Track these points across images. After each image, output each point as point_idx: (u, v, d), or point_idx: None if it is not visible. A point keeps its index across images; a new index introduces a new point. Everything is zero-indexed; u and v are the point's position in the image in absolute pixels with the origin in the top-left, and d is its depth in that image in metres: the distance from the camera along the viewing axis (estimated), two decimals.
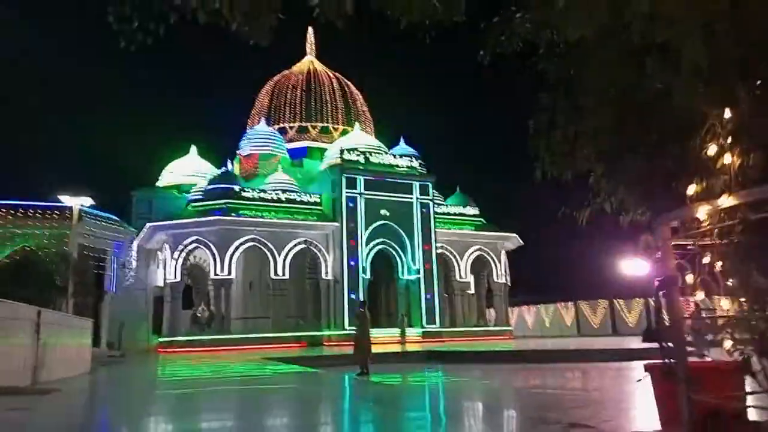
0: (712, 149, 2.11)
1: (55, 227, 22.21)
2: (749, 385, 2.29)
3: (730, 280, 2.10)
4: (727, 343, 2.15)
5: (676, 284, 2.30)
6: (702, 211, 2.11)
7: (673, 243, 2.31)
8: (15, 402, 6.46)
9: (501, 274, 40.07)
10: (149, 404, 7.95)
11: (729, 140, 2.04)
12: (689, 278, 2.30)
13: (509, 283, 40.82)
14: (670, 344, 2.32)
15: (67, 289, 17.81)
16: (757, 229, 1.93)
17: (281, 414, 7.33)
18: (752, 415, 2.34)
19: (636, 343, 23.15)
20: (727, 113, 2.06)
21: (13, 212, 22.74)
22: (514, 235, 40.66)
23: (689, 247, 2.30)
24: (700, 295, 2.27)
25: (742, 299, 2.05)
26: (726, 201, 2.01)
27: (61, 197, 19.88)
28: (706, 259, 2.20)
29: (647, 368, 2.69)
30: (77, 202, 19.53)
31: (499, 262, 40.11)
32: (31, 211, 22.92)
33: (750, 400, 2.28)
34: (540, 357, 18.64)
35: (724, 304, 2.19)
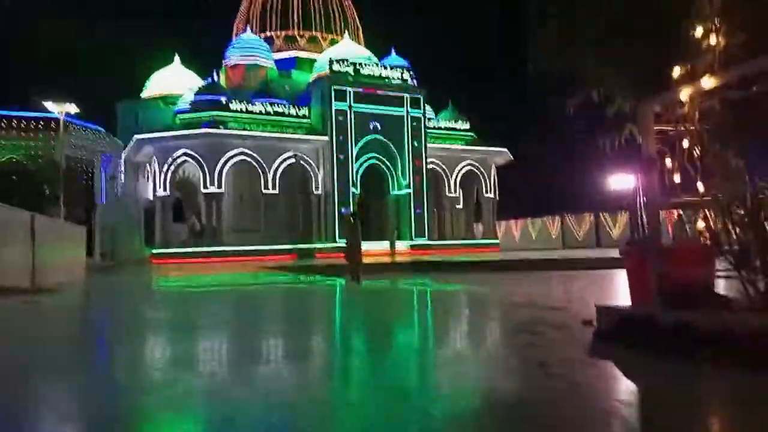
0: (698, 31, 2.12)
1: (42, 138, 21.85)
2: (719, 263, 2.44)
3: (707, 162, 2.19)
4: (700, 224, 2.26)
5: (655, 166, 2.39)
6: (684, 94, 2.15)
7: (655, 128, 2.37)
8: (22, 298, 6.71)
9: (490, 188, 40.44)
10: (144, 297, 8.27)
11: (716, 21, 2.05)
12: (668, 162, 2.39)
13: (498, 198, 41.30)
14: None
15: (58, 198, 17.80)
16: (735, 110, 1.99)
17: (276, 312, 7.67)
18: (720, 289, 2.52)
19: (616, 253, 23.92)
20: None
21: None
22: (505, 150, 40.64)
23: (670, 132, 2.36)
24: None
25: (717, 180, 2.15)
26: (708, 82, 2.05)
27: (46, 104, 19.39)
28: (686, 143, 2.27)
29: (624, 251, 2.85)
30: (62, 109, 19.08)
31: (489, 177, 40.36)
32: (15, 121, 22.44)
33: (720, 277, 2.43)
34: (524, 266, 19.22)
35: (699, 187, 2.29)
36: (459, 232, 40.69)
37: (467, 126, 40.92)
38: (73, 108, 20.26)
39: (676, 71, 2.23)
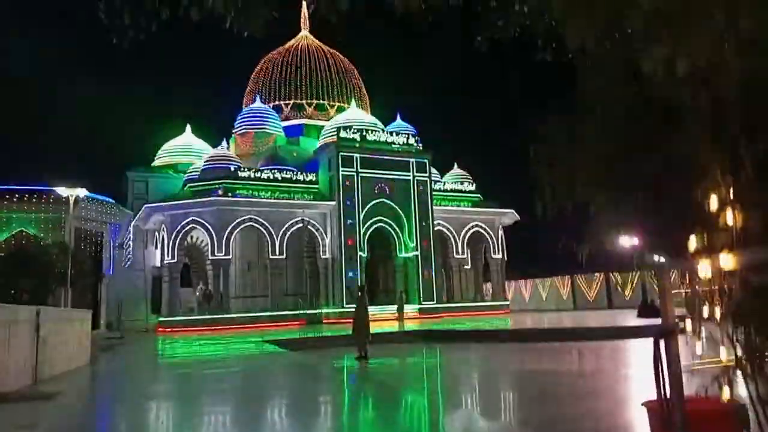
0: (714, 202, 2.08)
1: (52, 212, 22.13)
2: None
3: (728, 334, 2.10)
4: (725, 392, 2.16)
5: (676, 335, 2.30)
6: (703, 268, 2.09)
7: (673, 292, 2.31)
8: (17, 414, 6.45)
9: (498, 249, 40.27)
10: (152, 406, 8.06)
11: (731, 195, 2.01)
12: (689, 324, 2.30)
13: (506, 258, 41.04)
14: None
15: (66, 277, 17.85)
16: (758, 292, 1.92)
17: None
18: None
19: (632, 317, 23.44)
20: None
21: (8, 197, 22.65)
22: (511, 210, 40.73)
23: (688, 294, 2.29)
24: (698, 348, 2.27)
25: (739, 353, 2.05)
26: (727, 261, 1.99)
27: (57, 189, 19.78)
28: (705, 310, 2.20)
29: (645, 404, 2.71)
30: (72, 193, 19.46)
31: (496, 237, 40.28)
32: (27, 196, 22.82)
33: None
34: (537, 336, 18.80)
35: (723, 353, 2.19)
36: (468, 294, 40.26)
37: (473, 187, 41.22)
38: (83, 192, 20.63)
39: (693, 241, 2.17)
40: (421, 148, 37.27)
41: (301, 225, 33.25)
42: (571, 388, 8.31)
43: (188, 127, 41.00)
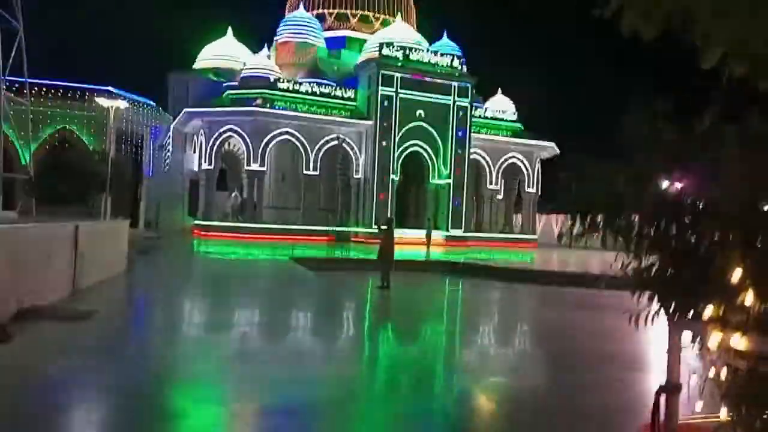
0: (736, 275, 1.99)
1: (95, 111, 22.51)
2: None
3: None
4: None
5: (679, 392, 2.30)
6: (713, 340, 2.05)
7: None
8: (53, 328, 6.98)
9: (533, 183, 39.71)
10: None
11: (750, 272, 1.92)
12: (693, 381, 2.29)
13: (540, 192, 40.50)
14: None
15: (105, 185, 18.46)
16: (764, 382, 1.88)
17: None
18: None
19: None
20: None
21: (54, 93, 23.05)
22: (551, 144, 39.67)
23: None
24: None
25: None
26: (739, 341, 1.94)
27: (98, 100, 19.97)
28: (711, 373, 2.17)
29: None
30: (113, 104, 19.62)
31: (533, 170, 39.60)
32: (71, 93, 23.17)
33: None
34: (562, 280, 18.60)
35: (723, 413, 2.19)
36: (497, 225, 40.29)
37: (515, 117, 40.05)
38: (123, 104, 20.77)
39: (708, 310, 2.11)
40: (465, 71, 36.00)
41: (336, 142, 33.20)
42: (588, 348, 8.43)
43: (230, 30, 40.26)
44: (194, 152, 35.10)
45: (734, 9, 2.96)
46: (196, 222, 32.72)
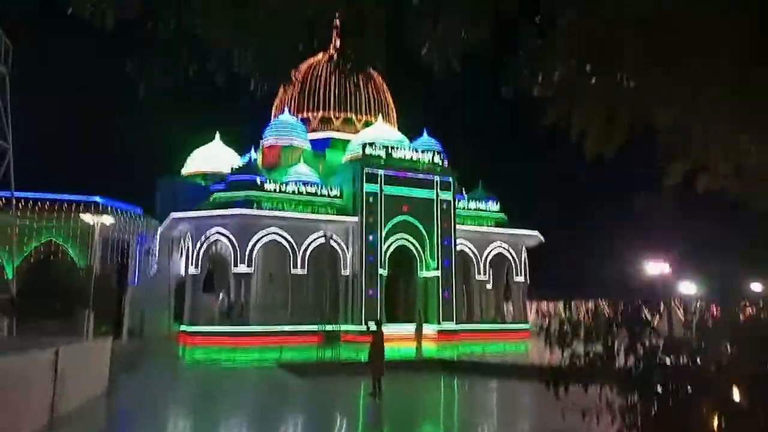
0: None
1: (81, 223, 22.66)
2: None
3: None
4: None
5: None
6: None
7: None
8: None
9: (521, 271, 39.84)
10: None
11: None
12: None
13: (528, 281, 40.55)
14: None
15: (88, 300, 18.29)
16: None
17: None
18: None
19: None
20: None
21: (40, 206, 23.30)
22: (536, 232, 40.27)
23: None
24: None
25: None
26: None
27: (83, 216, 20.31)
28: None
29: None
30: (98, 220, 19.93)
31: (519, 259, 39.85)
32: (57, 205, 23.44)
33: None
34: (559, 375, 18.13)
35: None
36: (488, 314, 39.90)
37: (497, 207, 40.88)
38: (109, 219, 21.14)
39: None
40: (446, 165, 37.13)
41: (323, 240, 33.42)
42: None
43: (217, 135, 41.62)
44: (181, 256, 35.05)
45: (694, 124, 3.19)
46: (182, 328, 32.05)
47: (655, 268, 28.91)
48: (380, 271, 33.76)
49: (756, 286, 33.09)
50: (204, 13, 3.97)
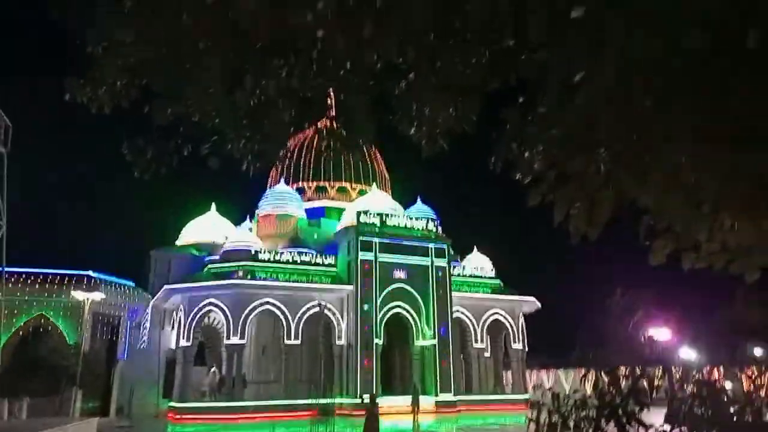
0: None
1: (73, 298, 22.42)
2: None
3: None
4: None
5: None
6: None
7: None
8: None
9: (518, 338, 39.17)
10: None
11: None
12: None
13: (526, 348, 39.80)
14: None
15: (75, 378, 17.85)
16: None
17: None
18: None
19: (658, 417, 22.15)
20: None
21: (31, 280, 23.12)
22: (532, 298, 39.93)
23: None
24: None
25: None
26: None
27: (74, 293, 20.25)
28: None
29: None
30: (89, 296, 19.83)
31: (517, 326, 39.28)
32: (49, 280, 23.26)
33: None
34: None
35: None
36: (487, 383, 38.88)
37: (493, 273, 40.74)
38: (99, 296, 21.07)
39: None
40: (440, 232, 37.28)
41: (317, 309, 32.99)
42: None
43: (213, 206, 41.93)
44: (172, 329, 34.43)
45: (675, 206, 3.25)
46: (171, 405, 31.02)
47: (657, 333, 28.59)
48: (376, 340, 33.15)
49: (758, 351, 32.58)
50: (198, 99, 4.11)
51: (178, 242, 40.09)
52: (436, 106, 4.12)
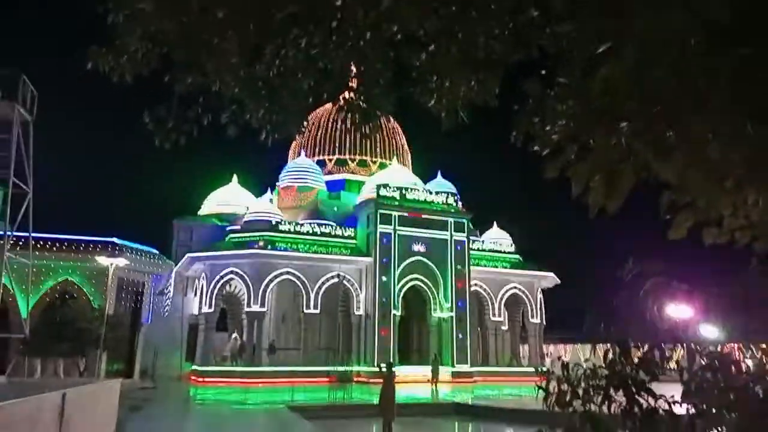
0: None
1: (97, 263, 23.00)
2: None
3: None
4: None
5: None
6: None
7: None
8: None
9: (536, 313, 39.24)
10: None
11: None
12: None
13: (544, 323, 39.89)
14: None
15: (99, 341, 18.41)
16: None
17: None
18: None
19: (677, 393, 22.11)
20: None
21: (57, 246, 23.72)
22: (551, 274, 39.83)
23: None
24: None
25: None
26: None
27: (98, 258, 20.70)
28: None
29: None
30: (113, 261, 20.30)
31: (535, 301, 39.31)
32: (74, 245, 23.84)
33: None
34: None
35: None
36: (504, 357, 39.17)
37: (512, 248, 40.65)
38: (123, 261, 21.50)
39: None
40: (460, 207, 37.19)
41: (336, 279, 33.38)
42: None
43: (235, 178, 42.29)
44: (195, 296, 35.20)
45: (697, 180, 3.21)
46: (193, 368, 31.91)
47: (677, 311, 28.36)
48: (393, 311, 33.50)
49: None
50: (218, 69, 4.10)
51: (201, 212, 40.66)
52: (457, 79, 4.05)
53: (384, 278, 33.76)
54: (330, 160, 43.93)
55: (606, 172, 3.27)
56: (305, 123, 4.88)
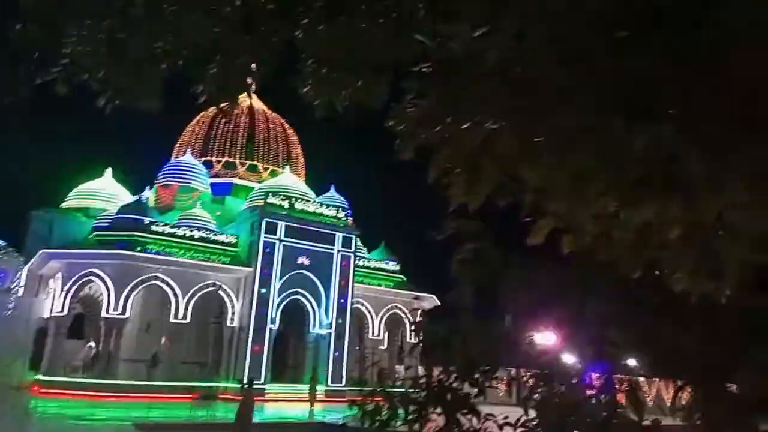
0: None
1: None
2: None
3: None
4: None
5: None
6: None
7: None
8: None
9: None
10: None
11: None
12: None
13: (422, 345, 40.27)
14: None
15: None
16: None
17: None
18: None
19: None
20: None
21: None
22: (432, 296, 40.44)
23: None
24: None
25: None
26: None
27: None
28: None
29: None
30: None
31: (414, 321, 39.69)
32: None
33: None
34: None
35: None
36: (380, 377, 39.00)
37: (397, 267, 40.86)
38: None
39: None
40: (350, 222, 36.80)
41: (211, 288, 31.47)
42: None
43: (108, 171, 39.00)
44: (47, 297, 31.61)
45: (559, 184, 2.82)
46: (37, 377, 28.47)
47: (542, 338, 29.83)
48: (270, 325, 32.16)
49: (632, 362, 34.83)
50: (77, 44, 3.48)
51: (64, 205, 36.88)
52: (338, 75, 3.64)
53: (263, 290, 32.35)
54: (218, 162, 41.85)
55: (467, 164, 2.91)
56: (159, 91, 4.17)
